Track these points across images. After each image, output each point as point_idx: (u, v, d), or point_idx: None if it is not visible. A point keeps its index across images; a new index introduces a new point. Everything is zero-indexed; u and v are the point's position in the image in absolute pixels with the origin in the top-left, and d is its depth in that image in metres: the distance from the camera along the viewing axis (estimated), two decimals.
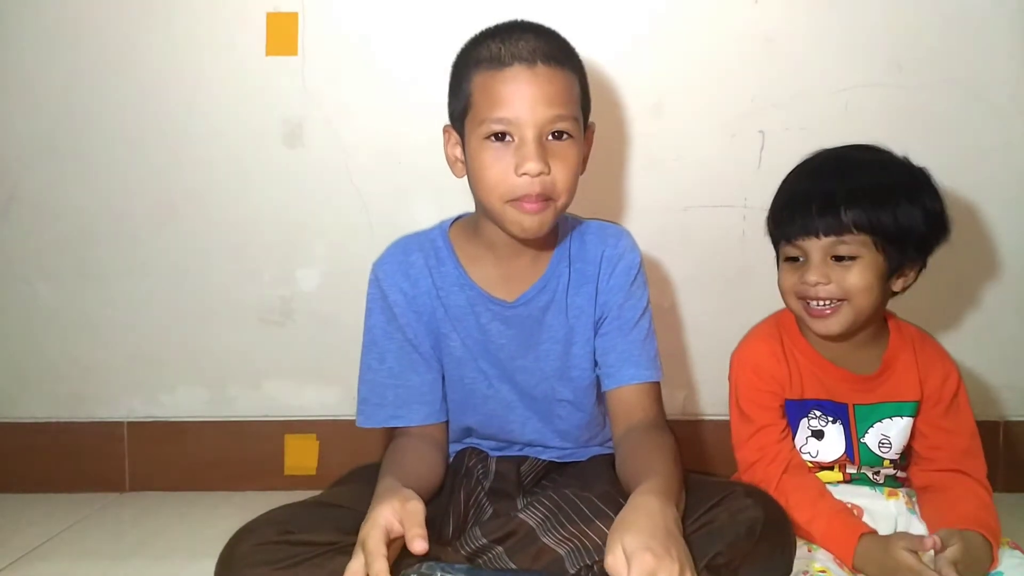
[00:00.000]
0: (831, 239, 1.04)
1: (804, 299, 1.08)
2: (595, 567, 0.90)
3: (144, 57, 1.45)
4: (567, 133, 0.97)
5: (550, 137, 0.97)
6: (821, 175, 1.08)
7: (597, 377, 1.11)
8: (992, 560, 0.98)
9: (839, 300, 1.06)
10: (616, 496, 0.96)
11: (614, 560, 0.78)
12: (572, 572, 0.91)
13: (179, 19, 1.44)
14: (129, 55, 1.45)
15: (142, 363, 1.52)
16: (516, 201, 0.97)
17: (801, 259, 1.08)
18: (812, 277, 1.05)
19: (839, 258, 1.05)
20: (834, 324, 1.07)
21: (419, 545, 0.80)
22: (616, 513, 0.87)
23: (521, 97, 0.95)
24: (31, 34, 1.44)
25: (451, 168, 1.06)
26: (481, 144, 0.97)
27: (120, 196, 1.48)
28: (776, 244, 1.13)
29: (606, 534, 0.84)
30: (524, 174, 0.95)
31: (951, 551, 0.94)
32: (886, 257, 1.05)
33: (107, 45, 1.44)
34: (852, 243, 1.04)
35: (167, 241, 1.49)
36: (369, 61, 1.44)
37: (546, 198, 0.97)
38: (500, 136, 0.96)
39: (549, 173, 0.96)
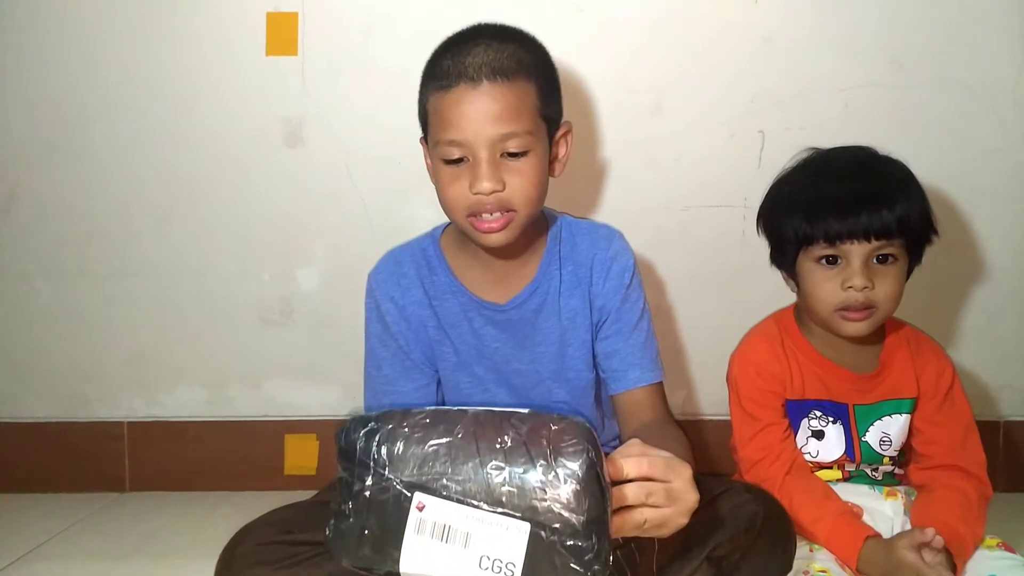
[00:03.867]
0: (880, 242, 1.04)
1: (844, 305, 1.06)
2: None
3: (144, 57, 1.45)
4: (521, 151, 0.96)
5: (505, 155, 0.95)
6: (851, 176, 1.06)
7: (595, 379, 1.11)
8: (955, 569, 0.97)
9: (874, 303, 1.05)
10: None
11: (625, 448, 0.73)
12: None
13: (179, 19, 1.44)
14: (129, 55, 1.45)
15: (142, 363, 1.53)
16: (476, 219, 0.97)
17: (840, 261, 1.06)
18: (859, 281, 1.03)
19: (877, 261, 1.05)
20: (867, 326, 1.07)
21: None
22: None
23: (467, 118, 0.94)
24: (31, 34, 1.44)
25: (431, 177, 1.04)
26: (439, 165, 0.98)
27: (120, 196, 1.48)
28: (801, 243, 1.08)
29: None
30: (478, 192, 0.95)
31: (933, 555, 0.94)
32: (910, 259, 1.07)
33: (107, 45, 1.45)
34: (895, 245, 1.05)
35: (167, 241, 1.49)
36: (369, 61, 1.44)
37: (506, 209, 0.96)
38: (456, 160, 0.96)
39: (503, 190, 0.95)
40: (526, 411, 0.69)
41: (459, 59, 0.95)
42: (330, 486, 1.08)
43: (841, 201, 1.04)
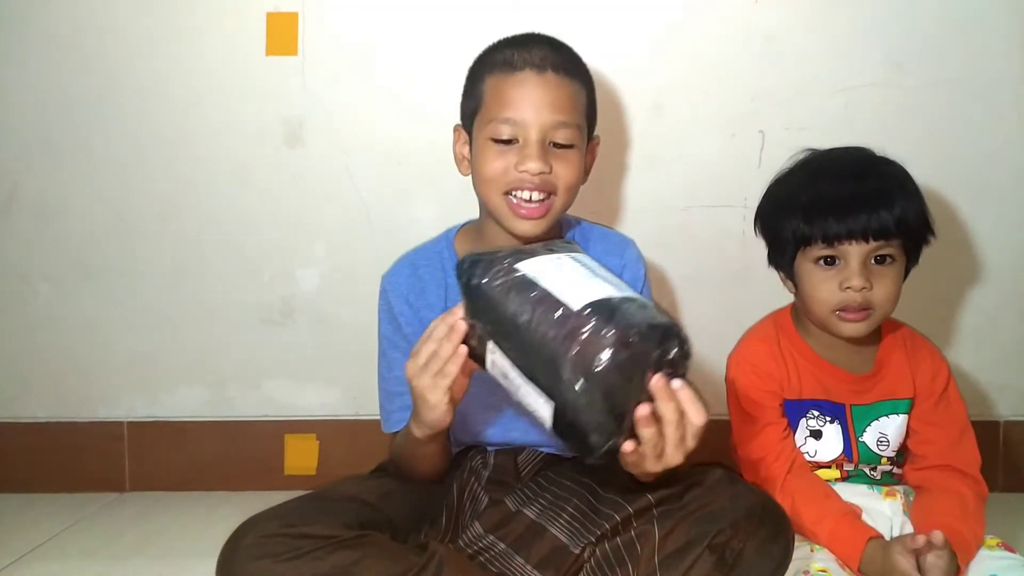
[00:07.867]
0: (878, 243, 1.04)
1: (843, 305, 1.06)
2: (597, 543, 0.91)
3: (144, 57, 1.45)
4: (569, 144, 1.01)
5: (553, 145, 1.00)
6: (850, 177, 1.07)
7: None
8: (958, 570, 0.97)
9: (872, 303, 1.05)
10: (616, 479, 0.96)
11: None
12: (576, 552, 0.91)
13: (179, 19, 1.44)
14: (129, 55, 1.45)
15: (142, 363, 1.52)
16: (514, 200, 1.00)
17: (838, 262, 1.06)
18: (857, 281, 1.04)
19: (875, 261, 1.05)
20: (865, 326, 1.07)
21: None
22: (617, 496, 0.91)
23: (528, 100, 0.99)
24: (31, 34, 1.44)
25: (458, 166, 1.09)
26: (487, 144, 1.01)
27: (120, 196, 1.48)
28: (800, 244, 1.08)
29: (607, 514, 0.89)
30: (524, 171, 0.98)
31: (935, 558, 0.94)
32: (907, 259, 1.08)
33: (107, 45, 1.45)
34: (893, 246, 1.05)
35: (167, 241, 1.49)
36: (369, 61, 1.44)
37: (546, 194, 1.00)
38: (506, 141, 1.00)
39: (550, 172, 0.99)
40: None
41: (525, 51, 1.01)
42: (333, 482, 1.08)
43: (840, 202, 1.05)
